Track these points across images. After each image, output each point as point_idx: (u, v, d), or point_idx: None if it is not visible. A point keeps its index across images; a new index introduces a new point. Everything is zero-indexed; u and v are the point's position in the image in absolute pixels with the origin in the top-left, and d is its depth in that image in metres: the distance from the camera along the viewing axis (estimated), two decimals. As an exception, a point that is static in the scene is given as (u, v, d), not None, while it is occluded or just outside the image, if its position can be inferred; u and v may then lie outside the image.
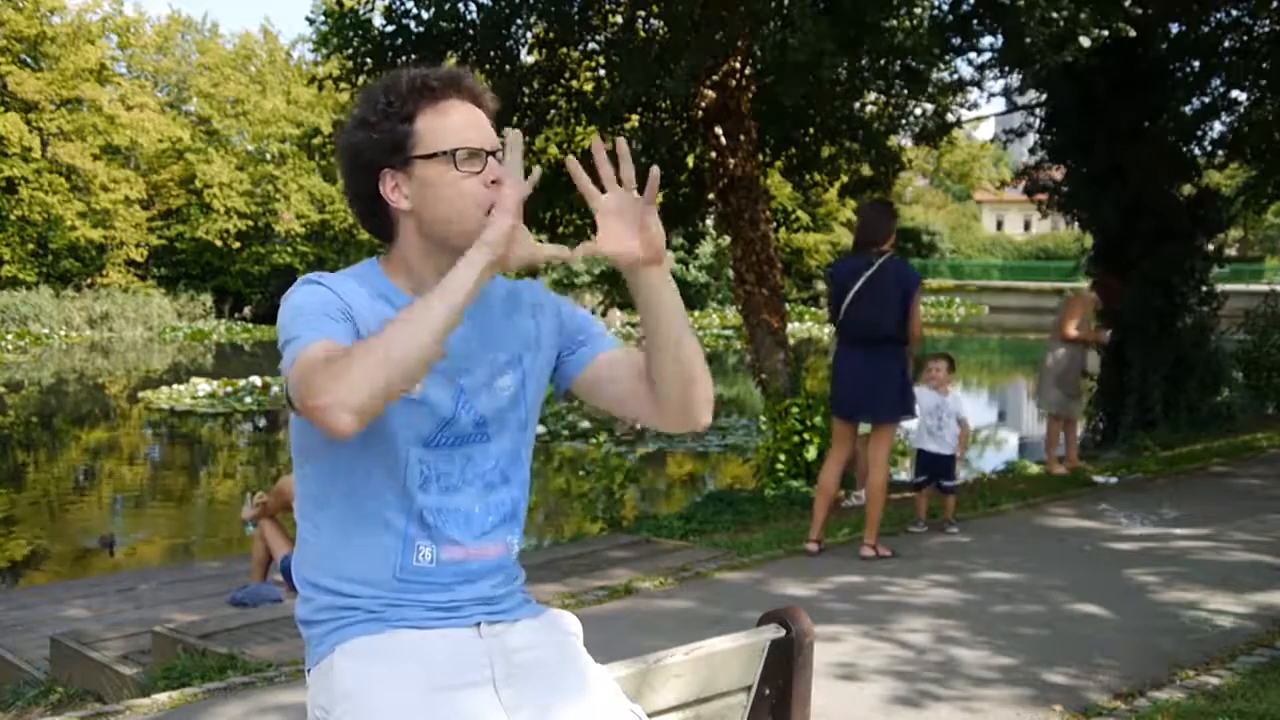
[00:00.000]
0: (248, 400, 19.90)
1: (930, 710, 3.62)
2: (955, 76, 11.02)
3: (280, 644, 4.30)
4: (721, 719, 1.89)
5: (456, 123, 1.64)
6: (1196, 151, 12.21)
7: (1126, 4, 7.76)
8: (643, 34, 9.84)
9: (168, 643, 4.46)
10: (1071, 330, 8.63)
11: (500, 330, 1.74)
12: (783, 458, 8.60)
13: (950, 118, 11.66)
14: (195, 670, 4.01)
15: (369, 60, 9.44)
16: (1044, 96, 12.13)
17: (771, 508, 7.52)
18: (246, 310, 40.84)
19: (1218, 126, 12.41)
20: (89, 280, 37.63)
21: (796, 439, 8.59)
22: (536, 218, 10.56)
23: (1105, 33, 7.53)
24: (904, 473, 9.75)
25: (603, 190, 1.61)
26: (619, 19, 9.86)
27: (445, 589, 1.66)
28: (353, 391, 1.43)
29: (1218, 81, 11.89)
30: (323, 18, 10.16)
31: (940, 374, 6.60)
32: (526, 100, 9.85)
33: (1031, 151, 12.60)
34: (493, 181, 1.62)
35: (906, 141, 12.93)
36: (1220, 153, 12.84)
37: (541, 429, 6.60)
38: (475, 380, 1.69)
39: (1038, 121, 12.27)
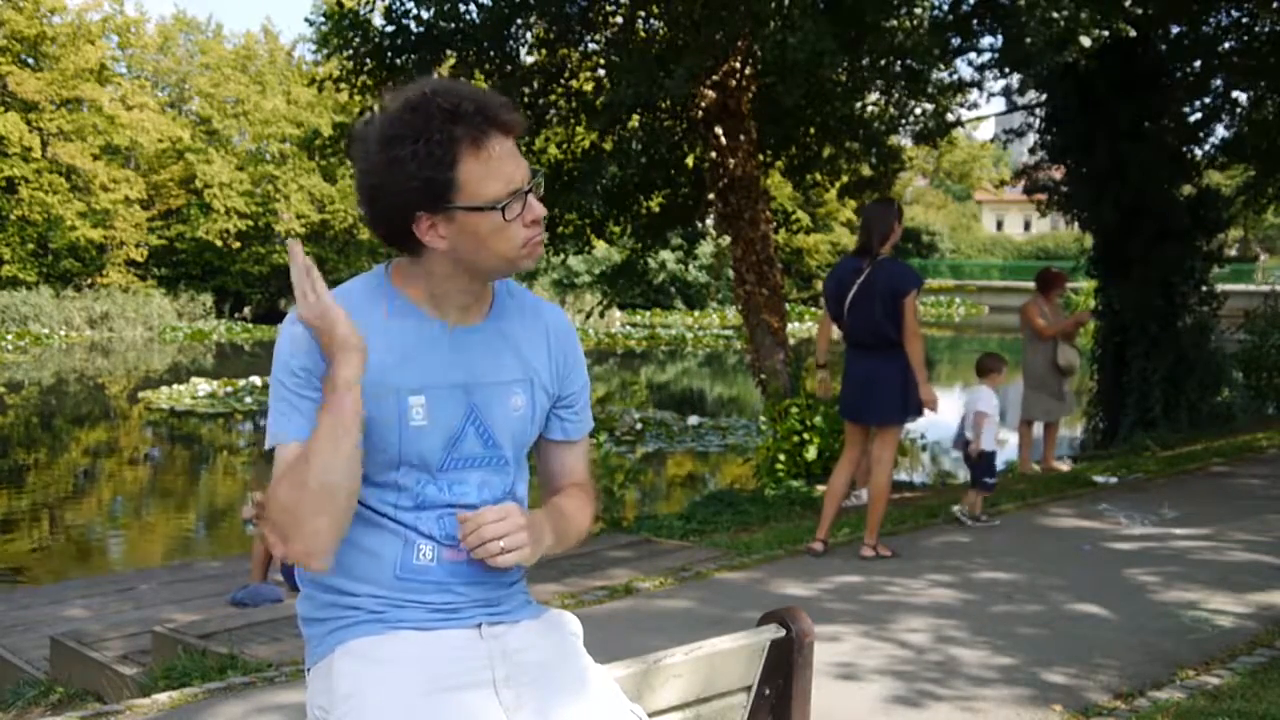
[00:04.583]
0: (248, 400, 19.90)
1: (930, 710, 3.62)
2: (955, 76, 11.03)
3: (280, 644, 4.30)
4: (721, 719, 1.89)
5: (498, 167, 1.58)
6: (1197, 152, 12.21)
7: (1126, 4, 7.76)
8: (643, 34, 9.85)
9: (168, 643, 4.46)
10: (1042, 327, 8.58)
11: (517, 347, 1.74)
12: (783, 458, 8.60)
13: (950, 118, 11.66)
14: (195, 670, 4.01)
15: (369, 60, 9.44)
16: (1044, 96, 12.11)
17: (771, 508, 7.51)
18: (246, 310, 40.85)
19: (1218, 128, 12.43)
20: (89, 280, 37.60)
21: (796, 439, 8.59)
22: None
23: (1105, 33, 7.53)
24: (904, 473, 9.75)
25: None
26: (619, 19, 9.87)
27: (445, 589, 1.66)
28: (311, 540, 1.54)
29: (1218, 82, 11.89)
30: (323, 18, 10.15)
31: (995, 375, 6.75)
32: (526, 100, 9.86)
33: (1031, 151, 12.59)
34: (532, 222, 1.63)
35: (906, 141, 12.95)
36: (1220, 154, 12.83)
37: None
38: (488, 398, 1.69)
39: (1038, 121, 12.26)
